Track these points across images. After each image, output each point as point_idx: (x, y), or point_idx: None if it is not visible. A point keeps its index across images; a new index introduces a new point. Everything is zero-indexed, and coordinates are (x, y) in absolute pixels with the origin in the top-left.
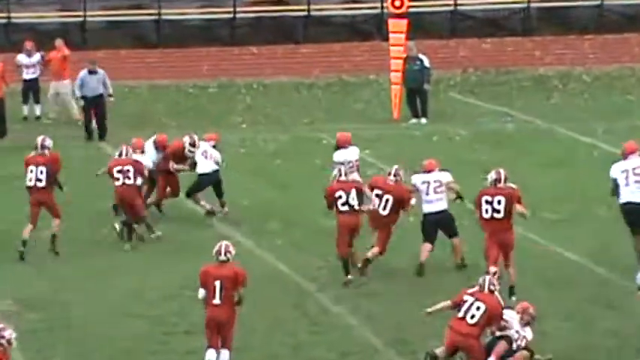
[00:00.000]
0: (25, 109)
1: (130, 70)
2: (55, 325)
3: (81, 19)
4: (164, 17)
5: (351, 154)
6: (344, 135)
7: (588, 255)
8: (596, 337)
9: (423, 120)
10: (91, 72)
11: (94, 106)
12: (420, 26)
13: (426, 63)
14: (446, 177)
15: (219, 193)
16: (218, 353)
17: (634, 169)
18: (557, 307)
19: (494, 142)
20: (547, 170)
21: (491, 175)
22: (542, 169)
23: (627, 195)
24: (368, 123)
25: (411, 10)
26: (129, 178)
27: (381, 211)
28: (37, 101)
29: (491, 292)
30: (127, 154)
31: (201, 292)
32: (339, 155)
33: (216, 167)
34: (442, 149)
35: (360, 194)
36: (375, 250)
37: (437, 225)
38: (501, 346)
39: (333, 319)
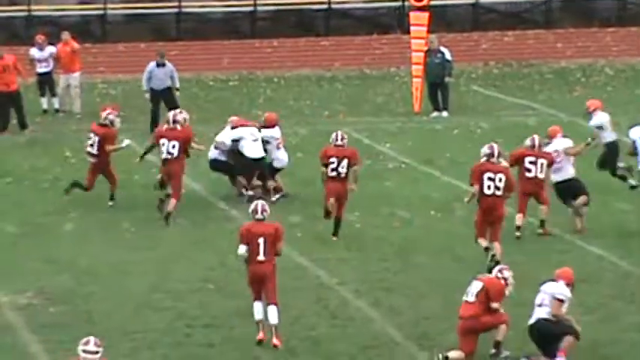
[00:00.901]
0: (44, 102)
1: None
2: (77, 319)
3: (101, 11)
4: (185, 10)
5: (275, 132)
6: (272, 115)
7: (611, 248)
8: (620, 331)
9: (445, 113)
10: (159, 65)
11: (162, 99)
12: (441, 19)
13: (448, 56)
14: (564, 144)
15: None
16: (265, 305)
17: None
18: (580, 301)
19: (515, 136)
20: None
21: (485, 150)
22: None
23: None
24: (389, 116)
25: (433, 3)
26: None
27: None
28: (53, 94)
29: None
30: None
31: (242, 249)
32: (264, 132)
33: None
34: (463, 142)
35: (351, 164)
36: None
37: (565, 192)
38: (568, 341)
39: (353, 313)
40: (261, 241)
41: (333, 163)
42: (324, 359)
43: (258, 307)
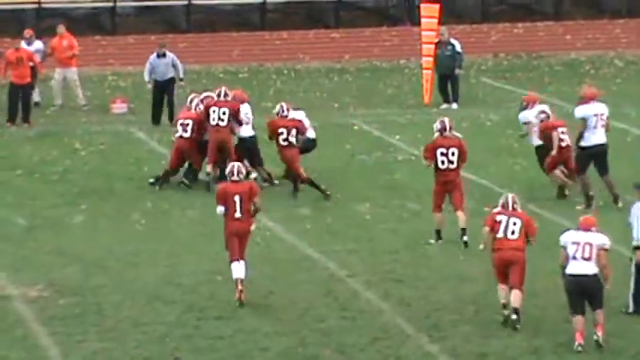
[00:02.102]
0: (36, 95)
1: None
2: (87, 311)
3: (111, 4)
4: (194, 2)
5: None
6: (240, 92)
7: (622, 241)
8: (636, 322)
9: (454, 105)
10: (160, 55)
11: (165, 90)
12: (451, 11)
13: (458, 48)
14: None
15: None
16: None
17: (601, 114)
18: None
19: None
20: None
21: (437, 126)
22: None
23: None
24: (399, 108)
25: None
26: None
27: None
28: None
29: (515, 209)
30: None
31: (220, 209)
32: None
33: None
34: (473, 134)
35: (299, 132)
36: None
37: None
38: (603, 314)
39: (363, 305)
40: (237, 199)
41: (282, 133)
42: (334, 351)
43: (236, 267)
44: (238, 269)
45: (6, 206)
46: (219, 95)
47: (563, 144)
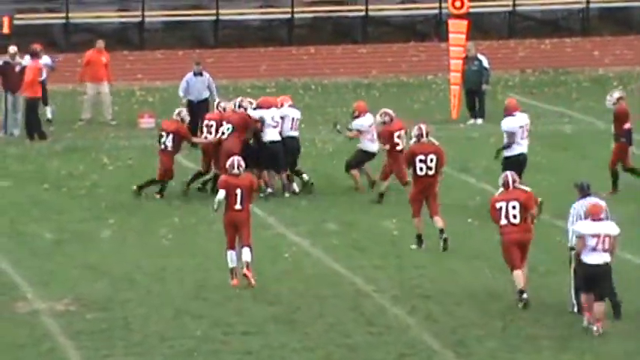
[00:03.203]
0: (48, 112)
1: (188, 70)
2: (114, 325)
3: (139, 19)
4: (222, 17)
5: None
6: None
7: None
8: None
9: (479, 121)
10: (197, 74)
11: (200, 110)
12: (478, 27)
13: (485, 64)
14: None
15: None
16: (237, 252)
17: (525, 124)
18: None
19: (552, 144)
20: (606, 172)
21: (414, 132)
22: (601, 171)
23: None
24: (426, 123)
25: (470, 10)
26: None
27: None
28: (45, 103)
29: (515, 187)
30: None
31: (222, 193)
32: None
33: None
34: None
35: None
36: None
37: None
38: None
39: (390, 320)
40: (238, 192)
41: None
42: None
43: (231, 255)
44: (235, 258)
45: (33, 220)
46: (234, 106)
47: (399, 147)
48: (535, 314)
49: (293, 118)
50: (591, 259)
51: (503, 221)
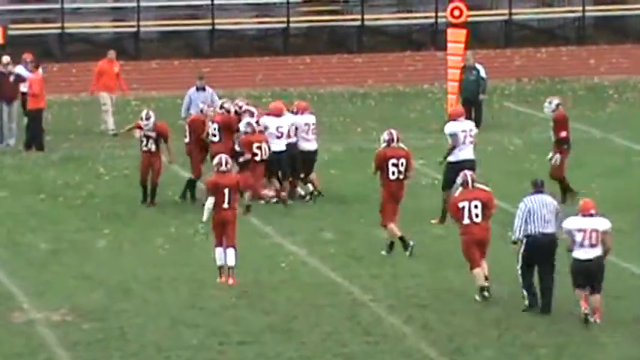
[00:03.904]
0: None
1: (183, 80)
2: (110, 335)
3: (134, 29)
4: (218, 27)
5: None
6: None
7: None
8: None
9: (475, 130)
10: (199, 89)
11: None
12: (475, 35)
13: (483, 73)
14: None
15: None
16: (225, 250)
17: (470, 130)
18: (612, 317)
19: (548, 152)
20: (603, 180)
21: (384, 137)
22: (598, 179)
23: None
24: (422, 132)
25: (467, 19)
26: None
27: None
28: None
29: (475, 186)
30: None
31: (210, 201)
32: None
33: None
34: (496, 159)
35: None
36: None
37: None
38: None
39: (386, 329)
40: (226, 191)
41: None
42: None
43: (219, 252)
44: (223, 256)
45: (30, 231)
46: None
47: (257, 158)
48: (530, 322)
49: (308, 124)
50: (579, 254)
51: (466, 220)
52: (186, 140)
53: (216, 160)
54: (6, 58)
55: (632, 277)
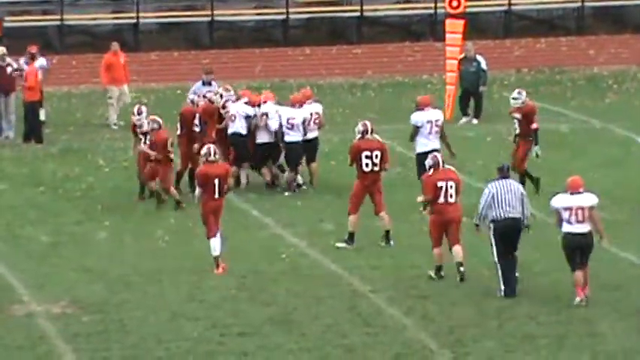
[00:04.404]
0: (42, 114)
1: (183, 71)
2: (111, 327)
3: (134, 20)
4: (217, 18)
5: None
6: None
7: None
8: None
9: (474, 120)
10: (205, 83)
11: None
12: (474, 26)
13: (483, 65)
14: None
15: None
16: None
17: (436, 120)
18: (612, 308)
19: (548, 143)
20: (602, 170)
21: (359, 128)
22: (597, 169)
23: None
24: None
25: (466, 10)
26: None
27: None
28: (40, 106)
29: (444, 167)
30: None
31: (199, 192)
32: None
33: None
34: (496, 149)
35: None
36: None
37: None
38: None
39: (387, 321)
40: (216, 181)
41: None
42: None
43: (215, 243)
44: (218, 246)
45: (29, 223)
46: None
47: (171, 155)
48: (531, 313)
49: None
50: (568, 228)
51: (442, 200)
52: (178, 132)
53: (204, 151)
54: (1, 49)
55: (632, 267)
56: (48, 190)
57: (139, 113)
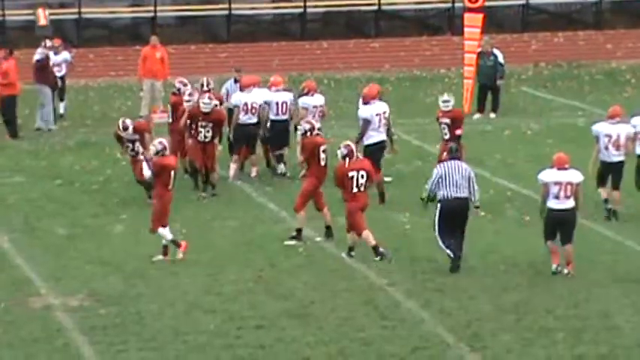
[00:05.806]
0: (61, 107)
1: (200, 65)
2: (127, 320)
3: (151, 14)
4: (235, 12)
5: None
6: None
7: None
8: None
9: (492, 115)
10: (237, 81)
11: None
12: (492, 20)
13: (500, 59)
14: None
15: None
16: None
17: (383, 112)
18: (628, 302)
19: (566, 137)
20: None
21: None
22: None
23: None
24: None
25: (484, 4)
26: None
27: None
28: (61, 99)
29: (358, 157)
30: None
31: (150, 174)
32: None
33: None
34: (513, 144)
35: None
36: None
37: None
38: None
39: (404, 314)
40: (172, 174)
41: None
42: None
43: (164, 231)
44: (170, 232)
45: (47, 216)
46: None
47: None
48: (548, 306)
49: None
50: (554, 204)
51: (354, 189)
52: (169, 120)
53: (159, 147)
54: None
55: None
56: (65, 183)
57: (125, 129)
